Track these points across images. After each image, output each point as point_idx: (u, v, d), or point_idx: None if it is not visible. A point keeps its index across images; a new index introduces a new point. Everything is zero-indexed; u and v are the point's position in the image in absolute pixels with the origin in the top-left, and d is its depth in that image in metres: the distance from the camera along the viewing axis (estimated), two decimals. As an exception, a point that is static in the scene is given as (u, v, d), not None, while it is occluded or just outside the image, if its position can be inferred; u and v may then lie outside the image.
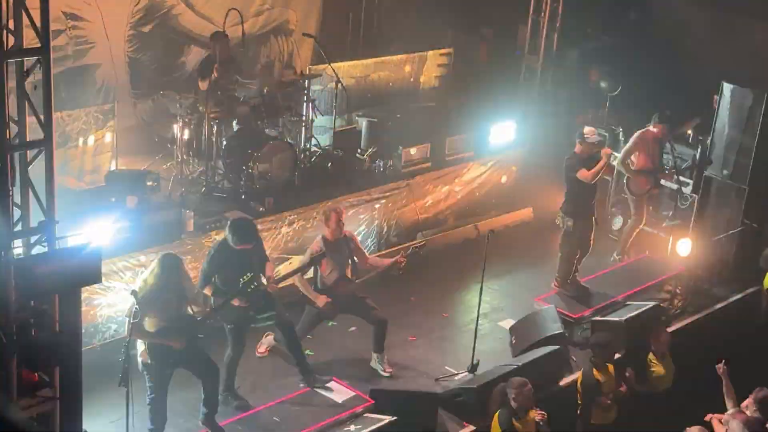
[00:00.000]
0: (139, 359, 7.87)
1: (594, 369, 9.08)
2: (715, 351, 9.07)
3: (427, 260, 11.48)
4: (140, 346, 7.84)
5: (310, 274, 9.50)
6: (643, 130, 11.76)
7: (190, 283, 8.28)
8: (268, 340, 9.63)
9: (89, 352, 8.64)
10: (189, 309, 8.02)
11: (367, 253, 9.90)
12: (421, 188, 11.85)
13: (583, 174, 10.47)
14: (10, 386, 6.25)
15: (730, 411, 8.07)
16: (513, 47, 14.89)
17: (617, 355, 9.48)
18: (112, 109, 10.79)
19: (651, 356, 9.57)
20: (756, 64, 14.69)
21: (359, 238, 10.90)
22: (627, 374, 9.31)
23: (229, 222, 8.76)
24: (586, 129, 10.65)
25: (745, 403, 8.14)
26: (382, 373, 9.50)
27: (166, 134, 11.56)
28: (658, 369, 9.58)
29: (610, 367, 9.18)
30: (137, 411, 8.05)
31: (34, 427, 6.18)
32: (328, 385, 9.09)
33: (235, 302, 8.43)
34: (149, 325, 7.80)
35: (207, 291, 8.56)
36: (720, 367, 8.27)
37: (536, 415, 8.21)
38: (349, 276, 9.44)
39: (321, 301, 9.26)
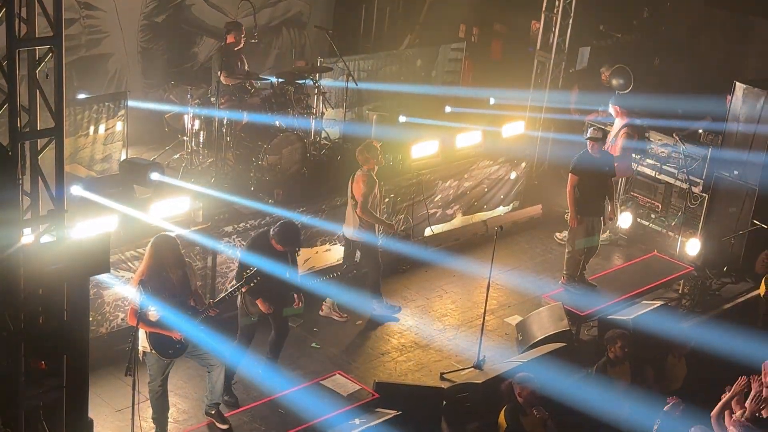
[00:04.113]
0: (140, 347, 7.89)
1: (608, 366, 9.09)
2: (722, 352, 9.08)
3: (434, 256, 11.52)
4: (141, 334, 7.86)
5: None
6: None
7: (194, 276, 8.30)
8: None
9: (96, 340, 8.68)
10: (191, 301, 8.05)
11: None
12: (430, 183, 11.85)
13: (570, 179, 10.73)
14: (17, 374, 6.27)
15: (737, 414, 8.05)
16: (526, 43, 14.86)
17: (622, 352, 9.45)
18: (124, 99, 10.80)
19: (671, 357, 9.57)
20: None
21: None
22: (646, 373, 9.31)
23: (278, 223, 8.89)
24: (590, 129, 10.80)
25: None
26: (338, 319, 10.31)
27: (177, 124, 11.61)
28: (675, 370, 9.58)
29: (626, 364, 9.19)
30: (143, 400, 8.11)
31: None
32: (333, 378, 9.11)
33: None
34: (152, 314, 7.83)
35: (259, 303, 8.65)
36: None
37: (538, 413, 8.22)
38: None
39: (391, 227, 10.29)
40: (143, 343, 7.91)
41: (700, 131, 12.34)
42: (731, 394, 8.12)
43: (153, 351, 7.91)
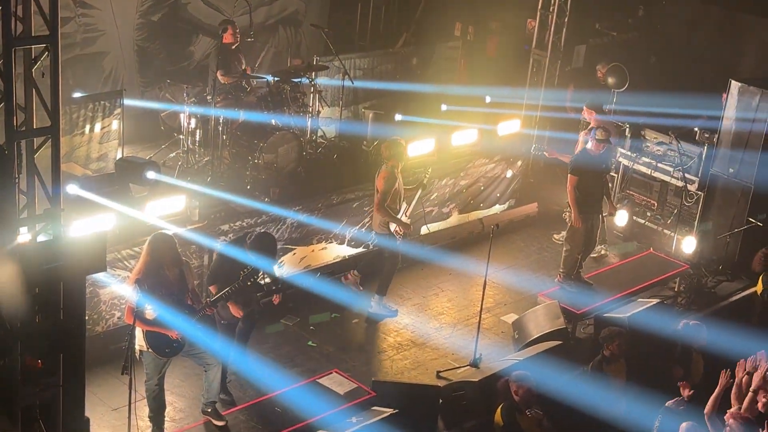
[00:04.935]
0: (137, 346, 7.89)
1: (603, 363, 9.10)
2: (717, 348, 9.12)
3: (431, 254, 11.53)
4: (138, 333, 7.87)
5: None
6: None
7: (191, 274, 8.29)
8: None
9: (93, 339, 8.68)
10: (188, 299, 8.05)
11: None
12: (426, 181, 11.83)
13: (570, 179, 10.71)
14: (14, 373, 6.28)
15: (733, 409, 8.08)
16: (521, 42, 14.86)
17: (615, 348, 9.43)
18: (120, 97, 10.80)
19: (695, 352, 9.58)
20: (764, 61, 14.68)
21: (363, 230, 10.93)
22: (675, 372, 9.31)
23: (255, 232, 8.78)
24: (598, 131, 10.77)
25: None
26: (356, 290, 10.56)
27: (173, 123, 11.60)
28: (698, 365, 9.59)
29: (622, 362, 9.20)
30: (140, 398, 8.11)
31: None
32: (329, 376, 9.12)
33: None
34: (149, 312, 7.83)
35: (212, 288, 8.49)
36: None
37: (532, 414, 8.23)
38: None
39: (406, 226, 10.20)
40: (140, 341, 7.91)
41: (696, 129, 12.35)
42: (720, 389, 8.15)
43: (149, 350, 7.91)
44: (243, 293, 8.41)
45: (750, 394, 8.05)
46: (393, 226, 10.23)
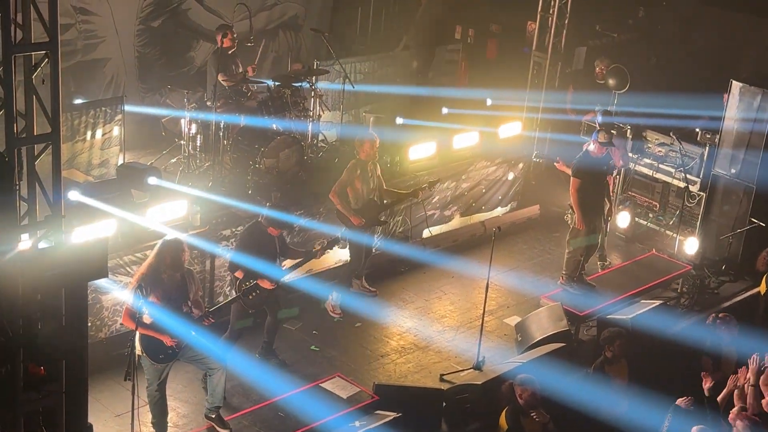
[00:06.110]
0: (137, 351, 7.87)
1: (605, 364, 9.09)
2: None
3: (433, 257, 11.52)
4: (137, 337, 7.85)
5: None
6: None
7: (195, 284, 8.27)
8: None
9: (95, 345, 8.67)
10: (187, 308, 8.03)
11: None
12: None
13: (572, 182, 10.71)
14: (16, 380, 6.27)
15: (736, 409, 8.07)
16: (522, 44, 14.87)
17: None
18: (121, 103, 10.81)
19: (725, 347, 9.54)
20: (765, 61, 14.67)
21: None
22: (704, 362, 9.26)
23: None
24: (600, 133, 10.72)
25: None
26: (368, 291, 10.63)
27: (174, 129, 11.62)
28: (729, 359, 9.55)
29: (623, 363, 9.19)
30: (143, 404, 8.11)
31: None
32: (332, 380, 9.12)
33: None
34: (146, 316, 7.82)
35: (238, 274, 8.77)
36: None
37: (539, 417, 8.21)
38: (376, 198, 10.38)
39: (356, 220, 10.13)
40: (138, 346, 7.90)
41: (697, 130, 12.34)
42: (727, 392, 8.15)
43: (145, 354, 7.90)
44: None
45: (750, 388, 8.02)
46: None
